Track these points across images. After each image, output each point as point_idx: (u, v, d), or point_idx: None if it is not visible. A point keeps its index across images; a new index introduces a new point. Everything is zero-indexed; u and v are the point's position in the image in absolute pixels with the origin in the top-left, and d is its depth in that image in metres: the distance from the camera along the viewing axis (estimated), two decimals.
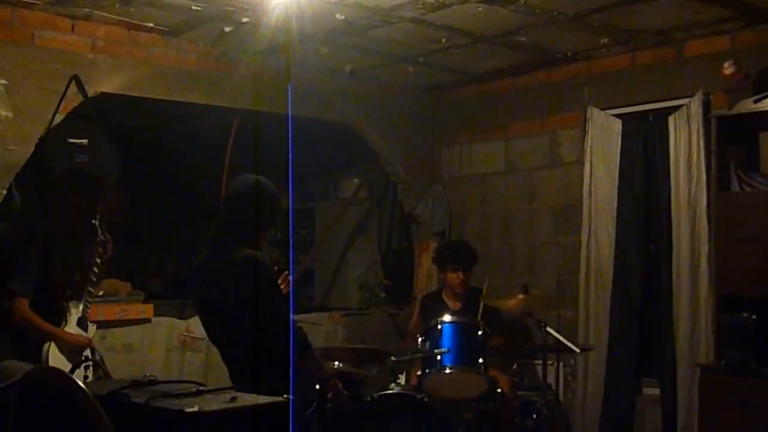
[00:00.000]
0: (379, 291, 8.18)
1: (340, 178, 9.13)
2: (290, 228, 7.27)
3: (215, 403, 2.91)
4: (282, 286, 4.37)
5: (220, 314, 4.34)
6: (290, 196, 4.60)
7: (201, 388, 3.08)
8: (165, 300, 6.91)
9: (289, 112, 6.16)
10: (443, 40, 6.33)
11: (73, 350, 5.07)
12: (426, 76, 7.43)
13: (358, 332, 7.32)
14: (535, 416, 5.88)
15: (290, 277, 4.45)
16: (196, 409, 2.79)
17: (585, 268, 6.72)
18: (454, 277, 6.27)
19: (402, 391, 5.42)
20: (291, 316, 4.15)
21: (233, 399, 2.99)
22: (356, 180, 8.89)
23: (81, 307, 5.20)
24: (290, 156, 4.33)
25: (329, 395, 4.53)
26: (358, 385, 5.43)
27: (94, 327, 5.36)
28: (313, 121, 7.08)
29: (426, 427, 5.27)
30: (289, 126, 5.12)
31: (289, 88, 6.54)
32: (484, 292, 6.10)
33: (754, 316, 5.35)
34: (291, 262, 5.25)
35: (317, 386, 4.63)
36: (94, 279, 5.23)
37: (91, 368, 5.10)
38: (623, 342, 6.50)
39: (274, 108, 6.66)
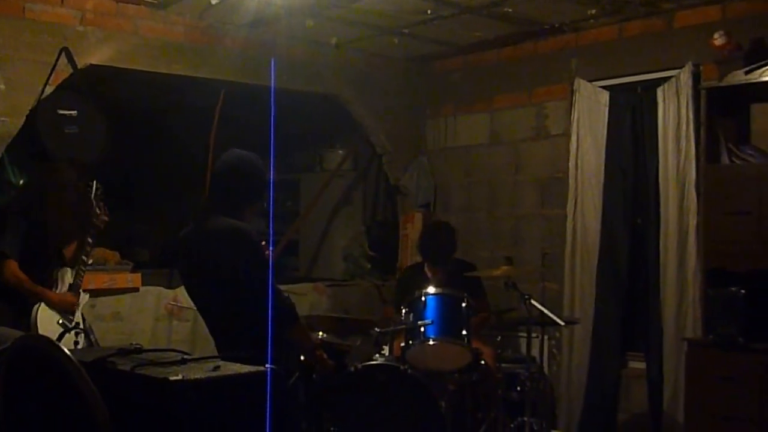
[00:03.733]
0: (364, 262, 8.18)
1: (325, 149, 9.09)
2: (271, 199, 7.24)
3: (199, 372, 2.93)
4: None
5: (206, 284, 4.37)
6: (271, 168, 4.60)
7: (186, 356, 3.09)
8: (153, 269, 6.94)
9: (272, 84, 6.14)
10: (428, 11, 6.28)
11: (61, 311, 5.18)
12: (411, 48, 7.37)
13: (342, 303, 7.32)
14: (519, 388, 5.89)
15: (270, 248, 4.46)
16: (180, 377, 2.81)
17: (571, 241, 6.70)
18: (435, 270, 6.27)
19: (386, 363, 5.41)
20: (271, 286, 4.15)
21: (217, 368, 3.00)
22: (341, 151, 8.84)
23: (74, 273, 5.31)
24: (272, 128, 4.32)
25: (314, 365, 4.53)
26: (342, 355, 5.42)
27: (87, 295, 5.50)
28: (299, 93, 7.05)
29: (409, 398, 5.26)
30: (272, 98, 5.09)
31: (272, 61, 6.51)
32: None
33: (742, 291, 5.32)
34: (271, 234, 5.25)
35: (302, 357, 4.62)
36: (89, 248, 5.37)
37: (82, 335, 5.21)
38: (609, 315, 6.48)
39: (261, 80, 6.64)
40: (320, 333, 5.45)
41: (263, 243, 4.44)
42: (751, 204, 5.39)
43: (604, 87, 6.62)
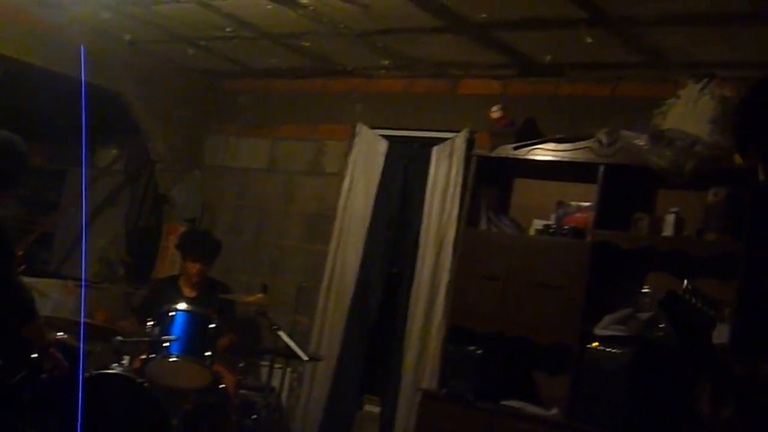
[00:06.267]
0: (119, 267, 8.00)
1: (98, 145, 8.84)
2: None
3: None
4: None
5: None
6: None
7: None
8: None
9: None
10: (228, 29, 6.28)
11: None
12: (205, 61, 7.34)
13: (89, 306, 7.11)
14: (254, 416, 5.89)
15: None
16: None
17: (328, 279, 6.80)
18: (193, 267, 6.23)
19: (122, 373, 5.31)
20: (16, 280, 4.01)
21: None
22: (115, 151, 8.64)
23: None
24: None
25: (46, 365, 4.38)
26: (77, 359, 5.26)
27: None
28: (79, 82, 6.83)
29: (141, 412, 5.18)
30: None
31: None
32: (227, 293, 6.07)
33: (479, 351, 5.60)
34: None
35: (34, 355, 4.45)
36: None
37: None
38: (353, 357, 6.62)
39: (46, 62, 6.41)
40: (59, 333, 5.28)
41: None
42: (499, 271, 5.68)
43: (384, 136, 6.80)
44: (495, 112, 5.94)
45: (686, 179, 5.09)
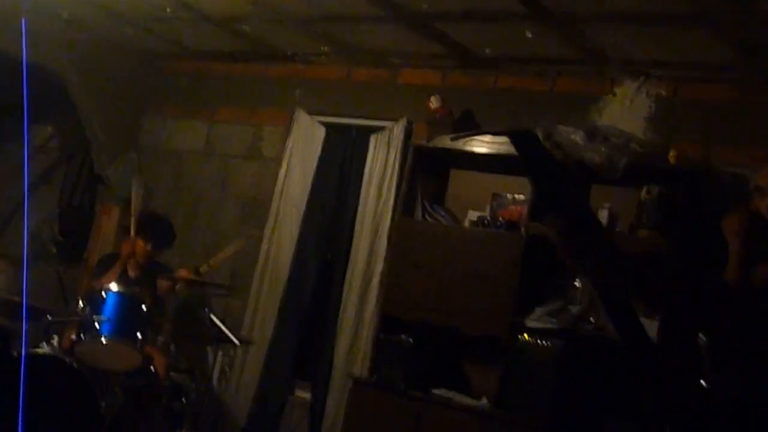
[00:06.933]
0: (50, 246, 7.88)
1: (32, 123, 8.68)
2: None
3: None
4: None
5: None
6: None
7: None
8: None
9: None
10: (168, 10, 6.21)
11: None
12: (144, 41, 7.26)
13: (19, 284, 7.01)
14: (184, 399, 5.87)
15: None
16: None
17: (262, 264, 6.79)
18: (141, 245, 6.14)
19: (51, 353, 5.24)
20: None
21: None
22: (50, 128, 8.49)
23: None
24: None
25: None
26: (7, 338, 5.20)
27: None
28: (9, 57, 6.70)
29: (70, 393, 5.13)
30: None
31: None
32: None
33: (410, 339, 5.63)
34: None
35: None
36: None
37: None
38: (285, 342, 6.61)
39: None
40: None
41: None
42: (433, 261, 5.73)
43: (322, 123, 6.79)
44: (433, 102, 5.96)
45: (620, 176, 5.16)
